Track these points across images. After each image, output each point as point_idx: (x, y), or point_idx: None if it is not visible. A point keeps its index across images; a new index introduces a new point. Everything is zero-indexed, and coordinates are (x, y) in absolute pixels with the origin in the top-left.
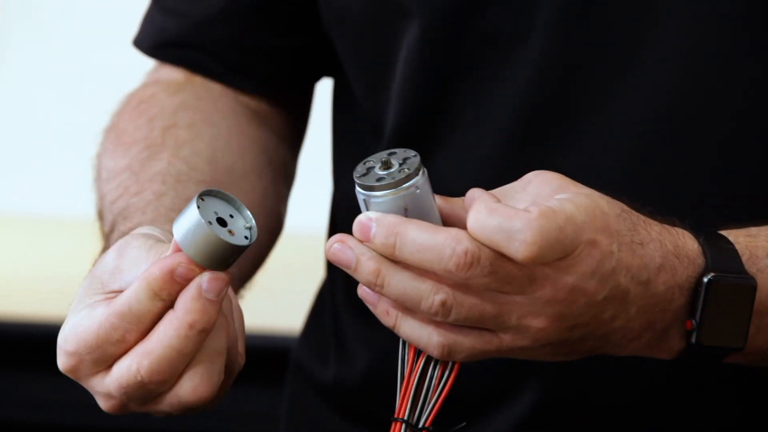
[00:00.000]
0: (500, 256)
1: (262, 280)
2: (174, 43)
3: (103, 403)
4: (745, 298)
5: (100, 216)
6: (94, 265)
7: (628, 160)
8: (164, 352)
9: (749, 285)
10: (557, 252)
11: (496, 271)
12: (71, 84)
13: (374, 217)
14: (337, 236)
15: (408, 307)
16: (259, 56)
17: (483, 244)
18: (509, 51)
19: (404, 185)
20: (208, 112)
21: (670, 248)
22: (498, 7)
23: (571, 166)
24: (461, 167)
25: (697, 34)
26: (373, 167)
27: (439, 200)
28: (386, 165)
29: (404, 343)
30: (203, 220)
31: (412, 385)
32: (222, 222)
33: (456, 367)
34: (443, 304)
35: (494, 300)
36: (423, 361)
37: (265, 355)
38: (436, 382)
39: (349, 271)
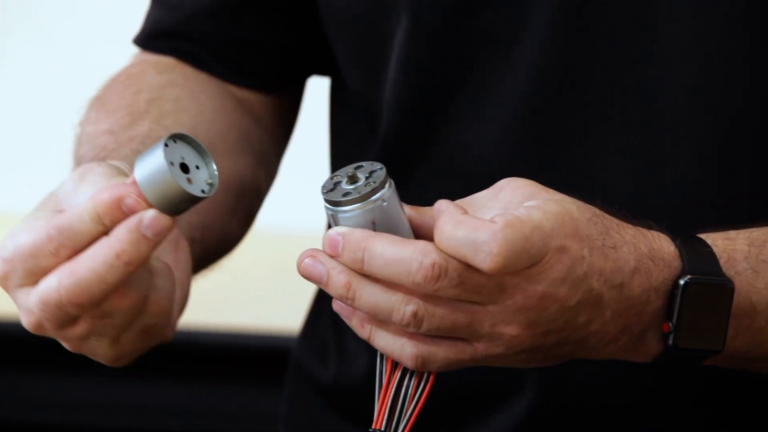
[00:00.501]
0: (468, 267)
1: (262, 280)
2: (166, 33)
3: (23, 319)
4: (722, 301)
5: None
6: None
7: (630, 158)
8: (87, 275)
9: (727, 287)
10: (524, 261)
11: (464, 282)
12: (71, 84)
13: (342, 232)
14: (308, 251)
15: (380, 320)
16: (251, 51)
17: (450, 256)
18: (505, 50)
19: (370, 199)
20: (194, 92)
21: (644, 251)
22: (492, 5)
23: (570, 165)
24: (458, 167)
25: (697, 34)
26: (340, 182)
27: (410, 210)
28: (352, 179)
29: (382, 355)
30: (164, 160)
31: (389, 396)
32: (185, 168)
33: (431, 378)
34: (414, 315)
35: (465, 309)
36: (399, 372)
37: (265, 355)
38: (412, 393)
39: (321, 286)
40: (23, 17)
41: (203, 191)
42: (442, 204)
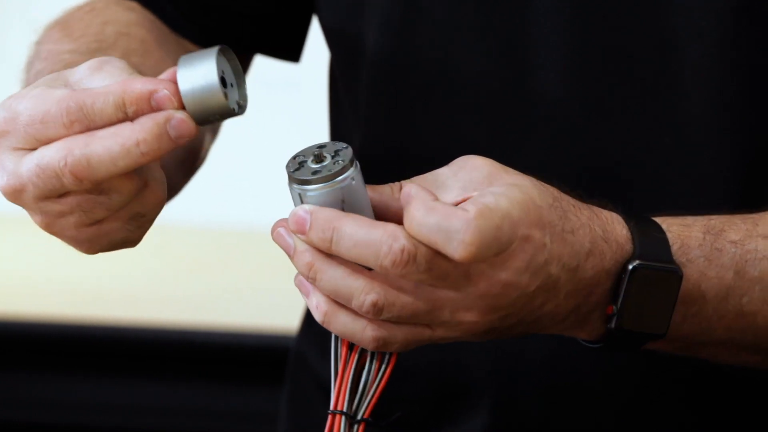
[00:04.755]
0: (437, 254)
1: (261, 280)
2: None
3: (3, 178)
4: (669, 288)
5: None
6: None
7: (634, 152)
8: (100, 152)
9: (675, 275)
10: (494, 250)
11: (431, 269)
12: None
13: (311, 210)
14: (282, 220)
15: (340, 302)
16: (214, 9)
17: (420, 242)
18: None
19: (340, 177)
20: (159, 40)
21: (599, 232)
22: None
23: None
24: (454, 96)
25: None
26: (305, 161)
27: (367, 190)
28: (318, 158)
29: (336, 339)
30: (216, 68)
31: (348, 380)
32: (223, 83)
33: (393, 359)
34: (374, 304)
35: (427, 297)
36: (357, 355)
37: (265, 355)
38: (374, 375)
39: (289, 257)
40: (22, 17)
41: (234, 110)
42: (411, 189)
